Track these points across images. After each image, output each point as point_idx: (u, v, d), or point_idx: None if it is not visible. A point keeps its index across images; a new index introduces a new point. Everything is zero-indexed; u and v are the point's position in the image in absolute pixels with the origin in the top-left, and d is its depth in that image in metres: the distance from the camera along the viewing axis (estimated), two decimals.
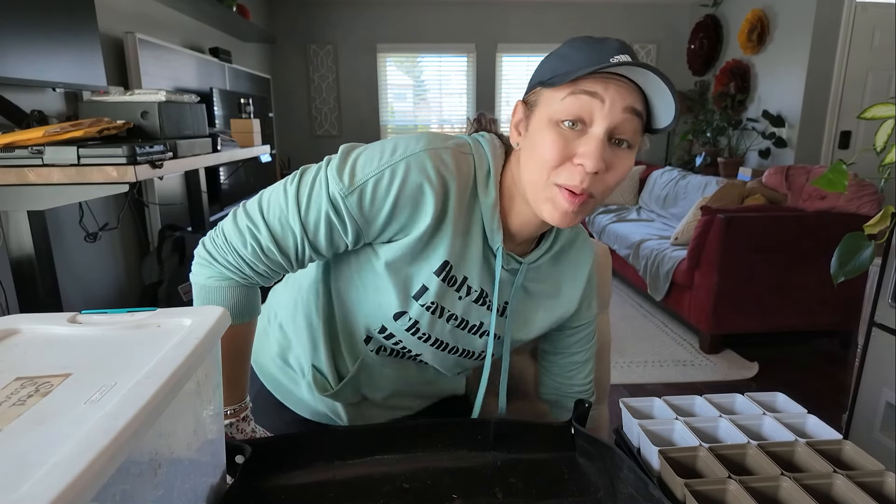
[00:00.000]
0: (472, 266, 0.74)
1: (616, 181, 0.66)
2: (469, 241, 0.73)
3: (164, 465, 0.43)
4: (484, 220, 0.73)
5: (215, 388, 0.56)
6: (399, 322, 0.76)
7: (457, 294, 0.75)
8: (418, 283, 0.73)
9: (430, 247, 0.71)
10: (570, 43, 0.66)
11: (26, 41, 1.52)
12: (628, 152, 0.66)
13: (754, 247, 2.77)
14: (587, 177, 0.64)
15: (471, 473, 0.64)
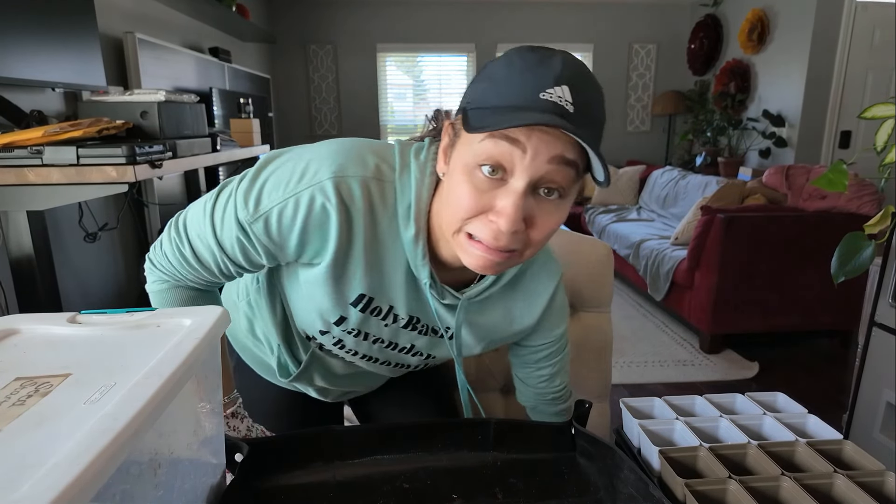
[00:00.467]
0: (398, 296, 0.71)
1: (543, 237, 0.59)
2: (392, 273, 0.69)
3: (164, 466, 0.43)
4: (407, 255, 0.67)
5: (215, 389, 0.56)
6: (325, 337, 0.77)
7: (382, 322, 0.73)
8: (336, 314, 0.71)
9: (344, 278, 0.68)
10: (508, 60, 0.56)
11: (26, 41, 1.52)
12: (559, 203, 0.58)
13: (754, 247, 2.77)
14: (503, 235, 0.56)
15: (471, 473, 0.64)
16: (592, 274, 1.07)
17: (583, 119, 0.54)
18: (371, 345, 0.77)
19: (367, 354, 0.79)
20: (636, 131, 5.40)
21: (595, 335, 1.08)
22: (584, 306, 1.09)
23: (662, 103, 5.10)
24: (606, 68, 5.22)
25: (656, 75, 5.27)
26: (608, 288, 1.08)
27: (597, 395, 1.09)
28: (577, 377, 1.10)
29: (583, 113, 0.54)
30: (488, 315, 0.76)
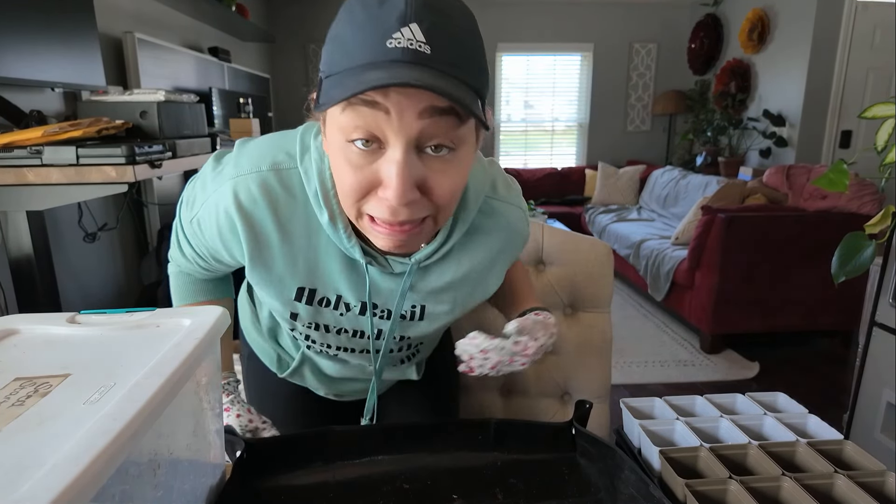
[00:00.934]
0: (341, 284, 0.67)
1: (448, 197, 0.53)
2: (326, 260, 0.65)
3: (164, 466, 0.43)
4: (333, 239, 0.63)
5: (215, 389, 0.56)
6: (296, 333, 0.77)
7: (336, 312, 0.70)
8: (286, 310, 0.70)
9: (272, 275, 0.66)
10: (349, 10, 0.49)
11: (25, 41, 1.52)
12: (452, 157, 0.51)
13: (755, 247, 2.77)
14: (399, 210, 0.51)
15: (471, 474, 0.64)
16: (592, 274, 1.07)
17: (444, 56, 0.46)
18: (338, 336, 0.74)
19: (342, 346, 0.76)
20: (636, 131, 5.40)
21: (595, 335, 1.08)
22: (584, 306, 1.09)
23: (663, 103, 5.10)
24: (606, 68, 5.22)
25: (656, 75, 5.27)
26: (608, 288, 1.08)
27: (597, 396, 1.09)
28: (577, 377, 1.10)
29: (443, 49, 0.46)
30: (448, 272, 0.70)
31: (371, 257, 0.64)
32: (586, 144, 5.41)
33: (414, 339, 0.77)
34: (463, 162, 0.53)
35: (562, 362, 1.10)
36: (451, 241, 0.66)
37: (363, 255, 0.63)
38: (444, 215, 0.56)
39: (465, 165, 0.54)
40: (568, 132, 5.44)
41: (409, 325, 0.74)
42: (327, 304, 0.70)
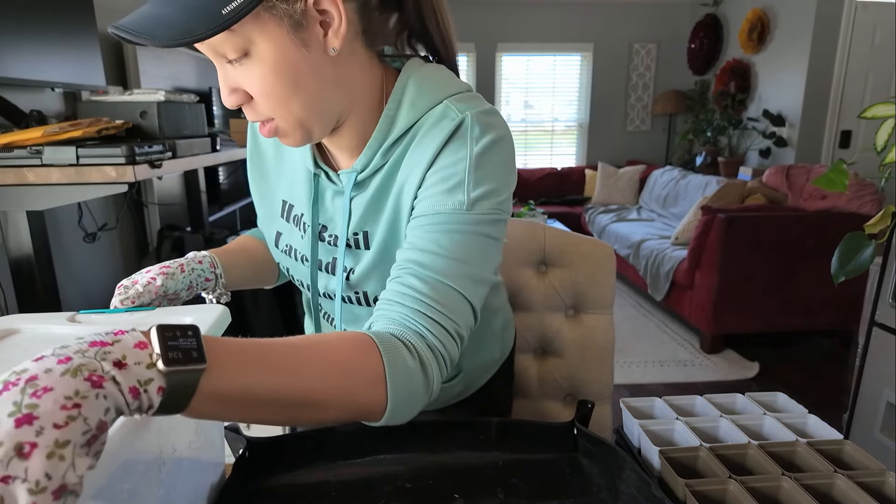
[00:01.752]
0: (301, 197, 0.72)
1: (263, 96, 0.56)
2: (298, 175, 0.72)
3: (168, 464, 0.43)
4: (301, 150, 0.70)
5: None
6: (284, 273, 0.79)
7: (299, 232, 0.72)
8: (274, 229, 0.76)
9: (267, 186, 0.75)
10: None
11: (25, 41, 1.52)
12: (247, 63, 0.55)
13: (755, 246, 2.77)
14: (246, 109, 0.59)
15: (473, 473, 0.64)
16: (595, 276, 1.07)
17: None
18: (301, 266, 0.73)
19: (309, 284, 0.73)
20: (636, 131, 5.40)
21: (598, 337, 1.08)
22: (587, 308, 1.09)
23: (662, 103, 5.10)
24: (606, 68, 5.22)
25: (656, 75, 5.27)
26: (610, 289, 1.08)
27: (599, 397, 1.09)
28: (579, 379, 1.10)
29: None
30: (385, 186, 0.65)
31: (322, 171, 0.69)
32: (586, 144, 5.42)
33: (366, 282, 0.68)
34: (263, 62, 0.54)
35: (564, 364, 1.10)
36: (383, 145, 0.63)
37: (315, 167, 0.69)
38: (281, 116, 0.59)
39: (268, 65, 0.54)
40: (568, 132, 5.44)
41: (357, 257, 0.67)
42: (296, 222, 0.73)
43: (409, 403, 0.51)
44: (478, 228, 0.59)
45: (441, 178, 0.59)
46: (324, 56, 0.56)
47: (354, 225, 0.67)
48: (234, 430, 0.63)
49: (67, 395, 0.29)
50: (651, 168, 4.91)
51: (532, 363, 1.11)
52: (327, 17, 0.55)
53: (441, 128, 0.60)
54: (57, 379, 0.30)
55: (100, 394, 0.30)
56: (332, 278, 0.70)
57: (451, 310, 0.56)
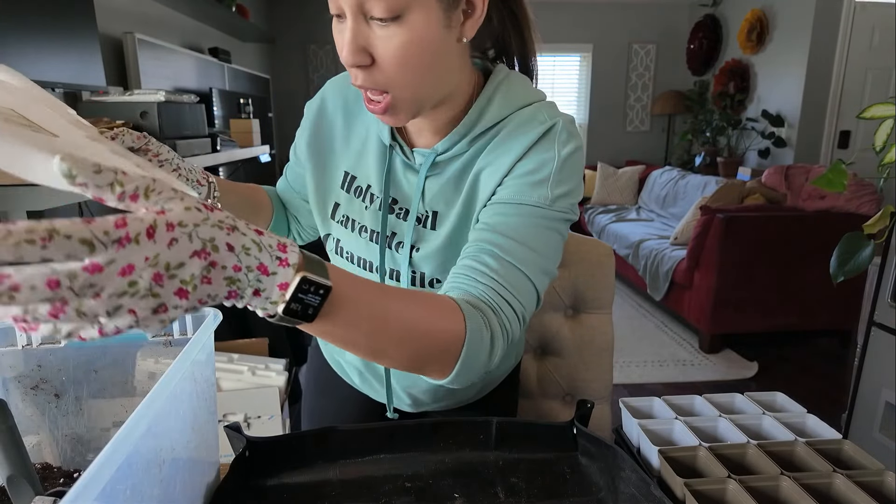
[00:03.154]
0: (371, 170, 0.72)
1: (397, 67, 0.56)
2: (367, 147, 0.72)
3: (167, 462, 0.43)
4: (377, 122, 0.70)
5: (210, 387, 0.56)
6: (329, 245, 0.77)
7: (363, 203, 0.73)
8: (331, 200, 0.76)
9: (331, 159, 0.75)
10: None
11: (25, 41, 1.52)
12: (399, 25, 0.54)
13: (754, 247, 2.77)
14: (357, 72, 0.57)
15: (472, 473, 0.64)
16: (594, 276, 1.07)
17: None
18: (358, 237, 0.73)
19: (361, 257, 0.74)
20: (636, 131, 5.41)
21: (596, 337, 1.08)
22: (586, 308, 1.09)
23: (662, 103, 5.11)
24: (606, 68, 5.23)
25: (656, 75, 5.27)
26: (609, 290, 1.08)
27: (599, 397, 1.09)
28: (578, 379, 1.10)
29: None
30: (462, 172, 0.68)
31: (398, 145, 0.69)
32: (585, 144, 5.42)
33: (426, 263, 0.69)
34: (413, 29, 0.55)
35: (564, 364, 1.10)
36: (471, 133, 0.66)
37: (391, 139, 0.69)
38: (402, 89, 0.58)
39: (416, 33, 0.55)
40: None
41: (423, 234, 0.69)
42: (359, 194, 0.73)
43: (471, 372, 0.54)
44: (553, 224, 0.63)
45: (529, 170, 0.63)
46: (454, 42, 0.59)
47: (427, 203, 0.69)
48: (234, 429, 0.64)
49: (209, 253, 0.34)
50: (650, 168, 4.91)
51: (531, 363, 1.12)
52: (469, 7, 0.59)
53: (532, 127, 0.64)
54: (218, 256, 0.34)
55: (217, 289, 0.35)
56: (393, 254, 0.71)
57: (521, 293, 0.59)
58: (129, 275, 0.30)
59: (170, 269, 0.32)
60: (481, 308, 0.56)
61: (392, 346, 0.49)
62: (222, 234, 0.34)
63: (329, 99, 0.76)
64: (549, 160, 0.63)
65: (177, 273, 0.32)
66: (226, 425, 0.63)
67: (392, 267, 0.71)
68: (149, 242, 0.30)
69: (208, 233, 0.34)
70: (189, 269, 0.33)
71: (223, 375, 1.56)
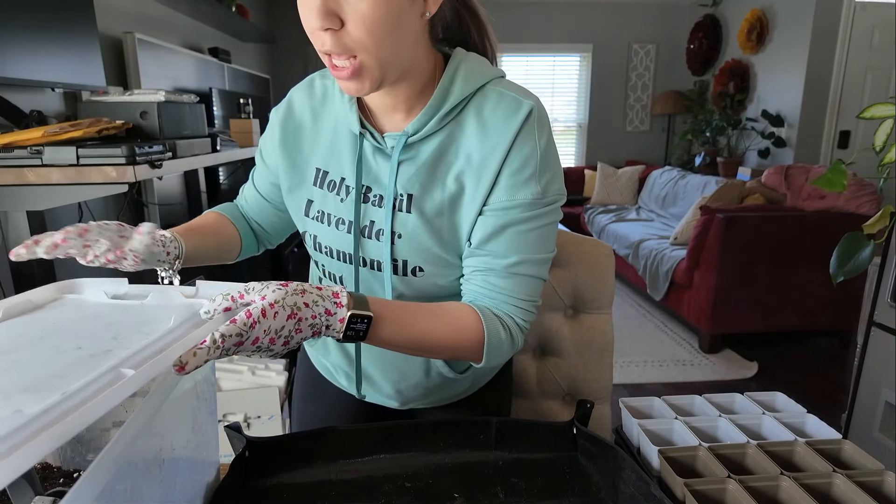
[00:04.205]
0: (345, 161, 0.73)
1: (366, 31, 0.57)
2: (337, 140, 0.73)
3: (167, 462, 0.43)
4: (342, 113, 0.72)
5: (209, 387, 0.56)
6: (307, 242, 0.78)
7: (337, 196, 0.73)
8: (304, 198, 0.77)
9: (301, 157, 0.76)
10: None
11: (25, 41, 1.52)
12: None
13: (754, 246, 2.77)
14: (325, 36, 0.58)
15: (472, 473, 0.64)
16: (594, 276, 1.07)
17: None
18: (336, 231, 0.73)
19: (340, 250, 0.74)
20: (636, 131, 5.41)
21: (597, 337, 1.08)
22: (585, 308, 1.09)
23: (662, 103, 5.11)
24: (606, 68, 5.23)
25: (655, 75, 5.27)
26: (609, 290, 1.08)
27: (598, 397, 1.09)
28: (578, 379, 1.10)
29: None
30: (437, 152, 0.68)
31: (368, 132, 0.70)
32: (585, 145, 5.42)
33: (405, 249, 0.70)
34: (369, 2, 0.56)
35: (563, 364, 1.10)
36: (440, 111, 0.67)
37: (360, 126, 0.70)
38: (370, 56, 0.60)
39: (371, 6, 0.57)
40: (567, 132, 5.44)
41: (399, 219, 0.69)
42: (333, 188, 0.74)
43: (499, 357, 0.68)
44: (548, 218, 0.69)
45: (516, 169, 0.66)
46: (418, 15, 0.62)
47: (401, 186, 0.69)
48: (234, 429, 0.64)
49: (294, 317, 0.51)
50: (650, 168, 4.91)
51: (531, 363, 1.11)
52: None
53: (509, 116, 0.66)
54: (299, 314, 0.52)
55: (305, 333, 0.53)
56: (374, 243, 0.71)
57: (532, 295, 0.70)
58: (256, 343, 0.49)
59: (278, 332, 0.50)
60: (497, 314, 0.68)
61: (429, 353, 0.68)
62: (299, 298, 0.52)
63: (296, 101, 0.78)
64: (532, 154, 0.66)
65: (281, 333, 0.50)
66: (226, 425, 0.63)
67: (372, 257, 0.72)
68: (264, 320, 0.49)
69: (291, 300, 0.51)
70: (287, 327, 0.51)
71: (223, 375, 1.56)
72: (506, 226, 0.67)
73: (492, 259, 0.68)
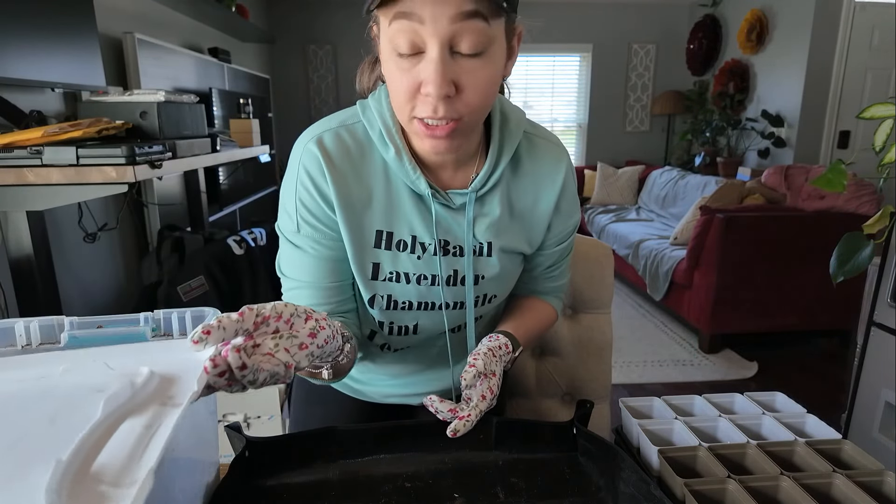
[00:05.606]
0: (415, 222, 0.72)
1: (481, 96, 0.60)
2: (398, 200, 0.72)
3: (166, 463, 0.43)
4: (401, 176, 0.70)
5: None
6: (377, 304, 0.75)
7: (412, 255, 0.73)
8: (368, 262, 0.73)
9: (356, 219, 0.71)
10: None
11: (25, 41, 1.52)
12: (483, 59, 0.59)
13: (753, 246, 2.77)
14: (439, 104, 0.59)
15: (472, 473, 0.64)
16: (593, 275, 1.07)
17: None
18: (417, 286, 0.75)
19: (422, 301, 0.76)
20: (635, 131, 5.41)
21: (596, 337, 1.08)
22: (585, 308, 1.09)
23: (661, 103, 5.10)
24: (606, 68, 5.22)
25: (655, 75, 5.27)
26: (609, 290, 1.08)
27: (597, 397, 1.09)
28: (577, 378, 1.10)
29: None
30: (502, 205, 0.75)
31: (434, 190, 0.70)
32: (585, 145, 5.42)
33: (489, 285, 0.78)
34: (494, 62, 0.61)
35: (562, 364, 1.10)
36: (500, 165, 0.72)
37: (428, 187, 0.70)
38: (473, 115, 0.63)
39: (496, 67, 0.61)
40: (567, 132, 5.44)
41: (481, 264, 0.76)
42: (404, 248, 0.73)
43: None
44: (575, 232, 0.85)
45: (566, 210, 0.79)
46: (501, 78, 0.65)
47: (479, 237, 0.75)
48: (234, 429, 0.64)
49: None
50: (650, 168, 4.91)
51: (530, 362, 1.12)
52: (511, 50, 0.66)
53: (554, 166, 0.77)
54: None
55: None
56: (457, 289, 0.76)
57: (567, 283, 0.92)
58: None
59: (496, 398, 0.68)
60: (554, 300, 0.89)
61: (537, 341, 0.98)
62: (500, 366, 0.72)
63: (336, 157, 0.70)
64: (574, 194, 0.80)
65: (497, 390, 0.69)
66: (226, 425, 0.63)
67: (457, 300, 0.78)
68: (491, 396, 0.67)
69: (500, 370, 0.72)
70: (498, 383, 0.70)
71: None
72: (561, 247, 0.83)
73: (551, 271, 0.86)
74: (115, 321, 0.74)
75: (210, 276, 2.15)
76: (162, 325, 0.75)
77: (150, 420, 0.39)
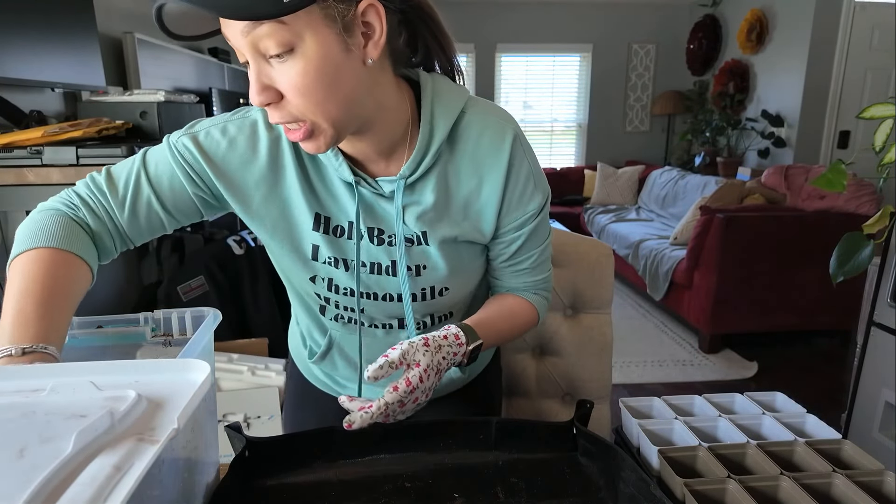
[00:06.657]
0: (350, 208, 0.71)
1: (298, 95, 0.57)
2: (333, 186, 0.71)
3: (166, 463, 0.43)
4: (328, 163, 0.70)
5: (212, 386, 0.56)
6: (318, 285, 0.75)
7: (349, 241, 0.72)
8: (308, 243, 0.73)
9: (292, 202, 0.71)
10: None
11: (25, 41, 1.52)
12: (294, 58, 0.56)
13: (753, 246, 2.77)
14: (270, 111, 0.60)
15: (472, 473, 0.64)
16: (593, 275, 1.07)
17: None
18: (354, 273, 0.74)
19: (364, 292, 0.75)
20: (635, 131, 5.41)
21: (596, 336, 1.08)
22: (585, 308, 1.09)
23: (661, 103, 5.11)
24: (605, 69, 5.23)
25: (655, 75, 5.28)
26: (609, 290, 1.08)
27: (597, 397, 1.09)
28: (577, 378, 1.10)
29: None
30: (438, 192, 0.71)
31: (360, 178, 0.69)
32: (585, 145, 5.42)
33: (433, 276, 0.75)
34: (306, 60, 0.56)
35: (563, 363, 1.10)
36: (431, 149, 0.68)
37: (353, 176, 0.68)
38: (313, 115, 0.59)
39: (311, 63, 0.56)
40: (567, 132, 5.44)
41: (419, 253, 0.73)
42: (342, 234, 0.72)
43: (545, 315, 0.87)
44: (546, 219, 0.77)
45: (520, 192, 0.72)
46: (360, 64, 0.60)
47: (412, 226, 0.71)
48: (234, 429, 0.63)
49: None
50: (650, 168, 4.91)
51: (530, 362, 1.12)
52: (369, 29, 0.59)
53: (497, 146, 0.70)
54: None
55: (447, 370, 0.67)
56: (394, 279, 0.74)
57: (548, 276, 0.84)
58: (416, 402, 0.63)
59: (429, 389, 0.64)
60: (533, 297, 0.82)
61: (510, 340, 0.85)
62: (436, 356, 0.64)
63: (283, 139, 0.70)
64: (528, 174, 0.72)
65: (431, 388, 0.64)
66: (226, 425, 0.63)
67: (393, 292, 0.75)
68: (420, 384, 0.62)
69: (435, 361, 0.64)
70: (434, 381, 0.64)
71: (223, 375, 1.56)
72: (522, 234, 0.75)
73: (517, 265, 0.79)
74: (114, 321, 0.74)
75: (210, 276, 2.15)
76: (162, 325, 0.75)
77: (122, 459, 0.38)
